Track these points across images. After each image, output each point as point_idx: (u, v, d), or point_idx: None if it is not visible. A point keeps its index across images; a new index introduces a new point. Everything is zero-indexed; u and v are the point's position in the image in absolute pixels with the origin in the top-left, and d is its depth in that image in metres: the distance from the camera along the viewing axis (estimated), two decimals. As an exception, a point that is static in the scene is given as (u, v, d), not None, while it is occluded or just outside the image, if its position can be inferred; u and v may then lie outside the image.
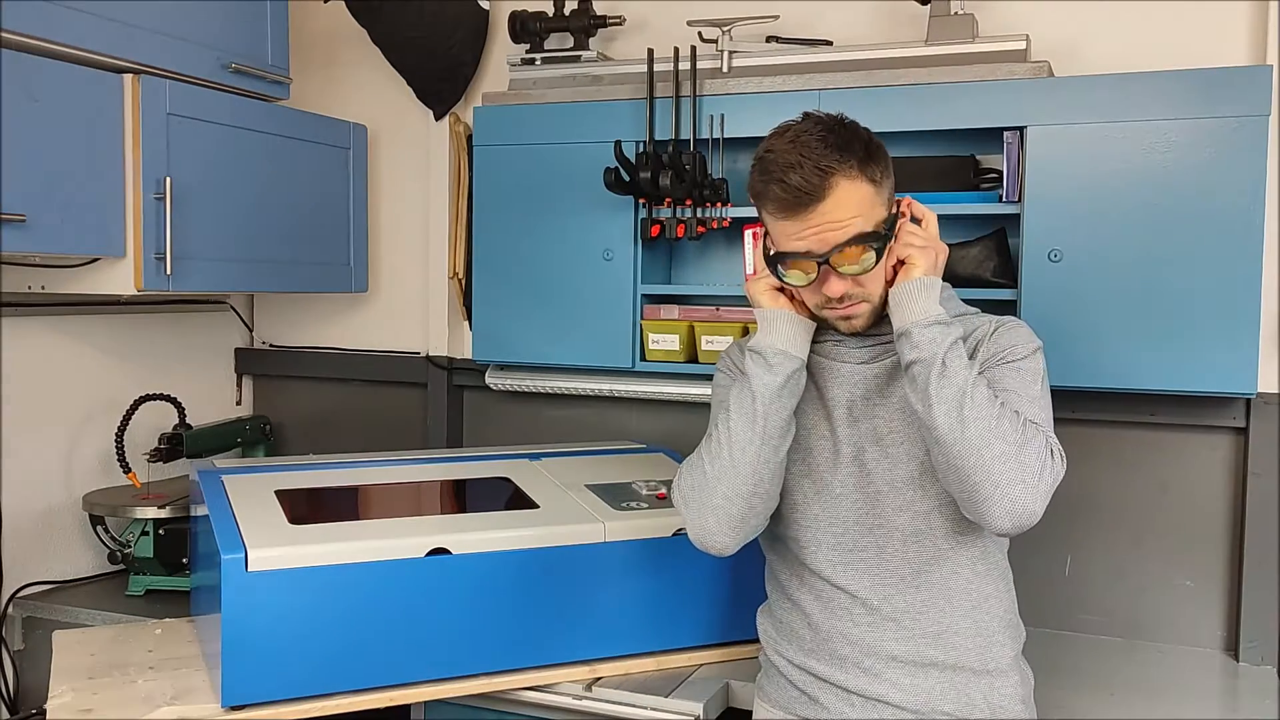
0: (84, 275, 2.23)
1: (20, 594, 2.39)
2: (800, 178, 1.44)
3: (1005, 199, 2.12)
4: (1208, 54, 2.17)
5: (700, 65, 2.29)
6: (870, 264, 1.48)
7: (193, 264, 2.27)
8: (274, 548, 1.74)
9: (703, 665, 2.00)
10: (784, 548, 1.67)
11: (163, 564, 2.41)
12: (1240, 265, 1.94)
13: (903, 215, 1.54)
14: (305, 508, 1.94)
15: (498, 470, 2.21)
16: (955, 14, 2.18)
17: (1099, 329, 2.02)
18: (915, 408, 1.45)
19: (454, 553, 1.84)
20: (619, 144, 2.18)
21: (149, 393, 2.52)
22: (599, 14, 2.51)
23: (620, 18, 2.52)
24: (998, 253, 2.17)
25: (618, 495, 2.08)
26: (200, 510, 2.00)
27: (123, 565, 2.47)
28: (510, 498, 2.08)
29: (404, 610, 1.81)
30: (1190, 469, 2.24)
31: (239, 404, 3.04)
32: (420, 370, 2.85)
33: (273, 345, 3.06)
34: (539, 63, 2.52)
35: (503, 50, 2.68)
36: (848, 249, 1.46)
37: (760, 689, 1.76)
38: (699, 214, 2.29)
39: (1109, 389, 2.04)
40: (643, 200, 2.31)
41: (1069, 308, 2.04)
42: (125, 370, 2.66)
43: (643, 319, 2.38)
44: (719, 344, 2.30)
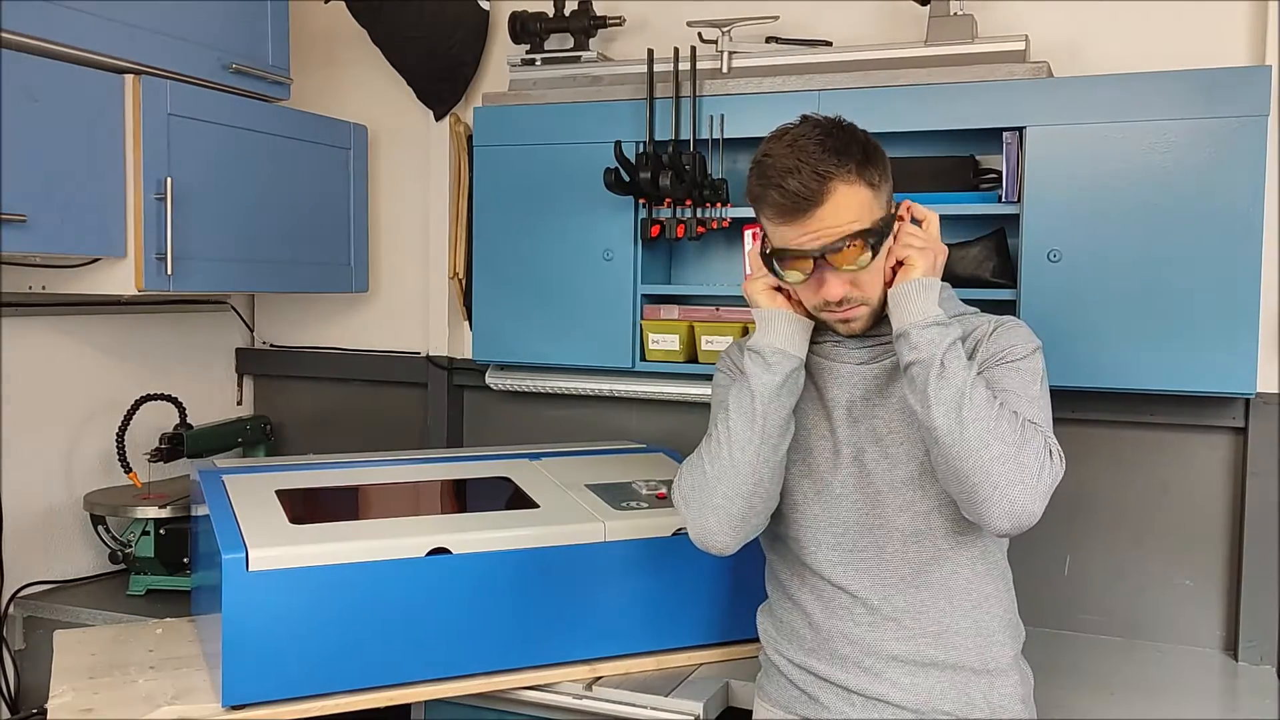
0: (84, 275, 2.23)
1: (21, 594, 2.39)
2: (798, 182, 1.43)
3: (1005, 199, 2.12)
4: (1207, 54, 2.17)
5: (700, 66, 2.29)
6: (866, 262, 1.48)
7: (193, 264, 2.27)
8: (274, 547, 1.74)
9: (703, 665, 2.00)
10: (784, 547, 1.67)
11: (163, 564, 2.41)
12: (1240, 265, 1.94)
13: (900, 219, 1.54)
14: (306, 507, 1.94)
15: (498, 470, 2.21)
16: (955, 14, 2.18)
17: (1098, 329, 2.02)
18: (914, 408, 1.45)
19: (454, 552, 1.84)
20: (619, 144, 2.18)
21: (150, 393, 2.52)
22: (599, 14, 2.51)
23: (620, 18, 2.52)
24: (997, 253, 2.17)
25: (618, 495, 2.08)
26: (201, 510, 2.00)
27: (123, 565, 2.47)
28: (510, 497, 2.09)
29: (404, 610, 1.81)
30: (1190, 469, 2.24)
31: (239, 404, 3.04)
32: (420, 370, 2.85)
33: (273, 345, 3.06)
34: (539, 63, 2.52)
35: (503, 50, 2.68)
36: (845, 248, 1.46)
37: (760, 688, 1.76)
38: (699, 214, 2.30)
39: (1108, 389, 2.04)
40: (643, 200, 2.31)
41: (1068, 308, 2.04)
42: (126, 370, 2.66)
43: (643, 319, 2.38)
44: (719, 344, 2.30)
